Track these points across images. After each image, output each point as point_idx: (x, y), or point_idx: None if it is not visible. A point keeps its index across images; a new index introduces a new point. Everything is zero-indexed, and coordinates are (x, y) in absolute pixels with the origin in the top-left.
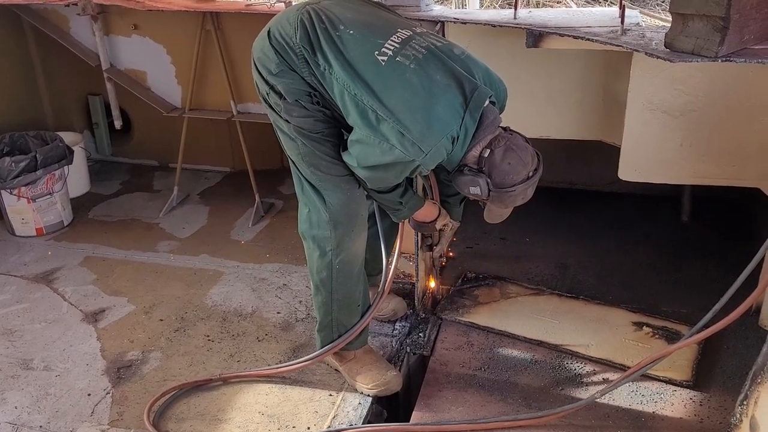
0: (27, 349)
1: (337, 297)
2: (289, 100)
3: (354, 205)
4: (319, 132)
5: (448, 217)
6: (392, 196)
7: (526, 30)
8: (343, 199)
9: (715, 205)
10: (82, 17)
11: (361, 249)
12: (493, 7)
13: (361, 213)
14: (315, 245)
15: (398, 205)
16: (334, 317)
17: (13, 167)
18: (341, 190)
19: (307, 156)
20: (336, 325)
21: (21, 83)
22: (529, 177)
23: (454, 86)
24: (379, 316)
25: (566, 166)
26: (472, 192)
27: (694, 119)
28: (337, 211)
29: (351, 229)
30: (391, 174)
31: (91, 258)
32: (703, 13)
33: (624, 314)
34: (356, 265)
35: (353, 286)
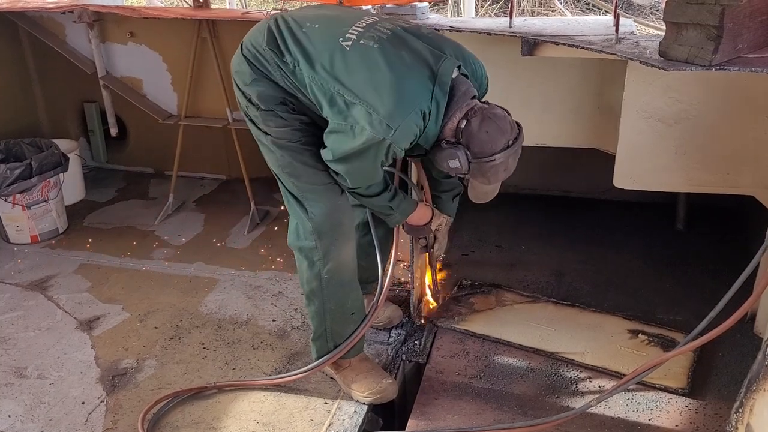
0: (21, 357)
1: (329, 306)
2: (263, 108)
3: (337, 214)
4: (297, 141)
5: (443, 217)
6: (381, 200)
7: (521, 38)
8: (326, 209)
9: (709, 212)
10: (78, 25)
11: (350, 257)
12: (489, 15)
13: (345, 222)
14: (303, 256)
15: (389, 210)
16: (328, 326)
17: (8, 174)
18: (323, 199)
19: (287, 167)
20: (330, 335)
21: (16, 90)
22: (508, 145)
23: (420, 62)
24: (375, 324)
25: (562, 174)
26: (451, 166)
27: (688, 127)
28: (320, 221)
29: (335, 238)
30: (366, 162)
31: (86, 265)
32: (697, 21)
33: (619, 322)
34: (346, 274)
35: (345, 295)
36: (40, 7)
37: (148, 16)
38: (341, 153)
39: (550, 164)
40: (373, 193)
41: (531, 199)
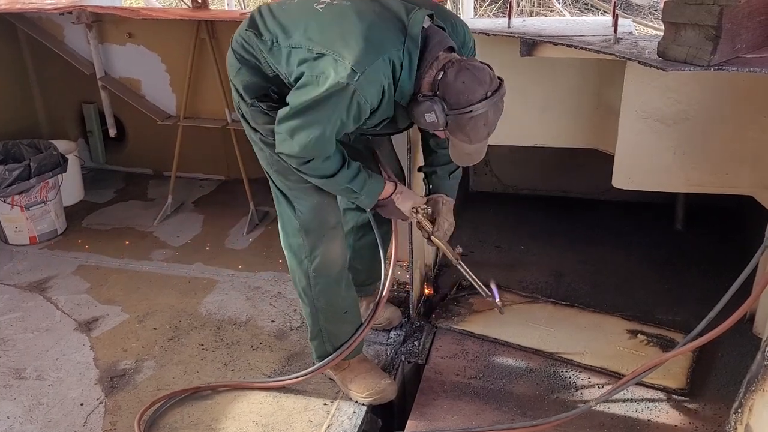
0: (20, 358)
1: (319, 305)
2: (249, 101)
3: (323, 212)
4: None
5: (417, 198)
6: (340, 180)
7: (520, 39)
8: (312, 206)
9: (708, 213)
10: (76, 26)
11: (338, 256)
12: (487, 15)
13: (331, 220)
14: (292, 254)
15: (353, 193)
16: (322, 326)
17: (7, 175)
18: (310, 197)
19: (275, 164)
20: (327, 335)
21: (15, 91)
22: (487, 96)
23: (391, 14)
24: (375, 325)
25: (561, 175)
26: (428, 120)
27: (687, 127)
28: (306, 219)
29: (322, 234)
30: (323, 114)
31: (85, 266)
32: (695, 22)
33: (619, 322)
34: (334, 271)
35: (334, 294)
36: (39, 8)
37: (146, 17)
38: (299, 104)
39: (549, 164)
40: (330, 171)
41: (530, 200)
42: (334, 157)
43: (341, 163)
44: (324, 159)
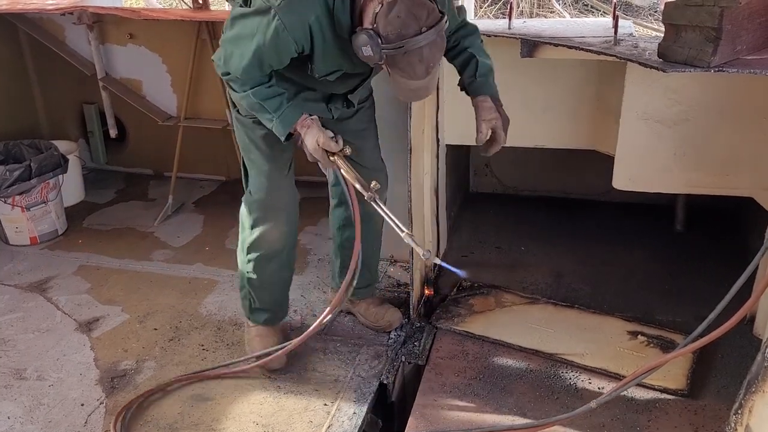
0: (20, 358)
1: (247, 271)
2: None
3: (271, 194)
4: (251, 117)
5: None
6: (258, 96)
7: (521, 40)
8: (262, 186)
9: (709, 214)
10: (77, 26)
11: (275, 238)
12: (487, 16)
13: (277, 203)
14: (240, 220)
15: (266, 113)
16: (247, 287)
17: (8, 176)
18: (262, 177)
19: (242, 141)
20: (251, 294)
21: (16, 92)
22: (421, 32)
23: None
24: (375, 327)
25: (561, 175)
26: (365, 53)
27: (687, 128)
28: (255, 196)
29: (265, 214)
30: (245, 33)
31: (86, 267)
32: (696, 23)
33: (619, 323)
34: (269, 251)
35: (263, 269)
36: (40, 8)
37: (147, 17)
38: (231, 17)
39: (549, 165)
40: (250, 85)
41: (531, 200)
42: (257, 78)
43: (262, 82)
44: (244, 78)
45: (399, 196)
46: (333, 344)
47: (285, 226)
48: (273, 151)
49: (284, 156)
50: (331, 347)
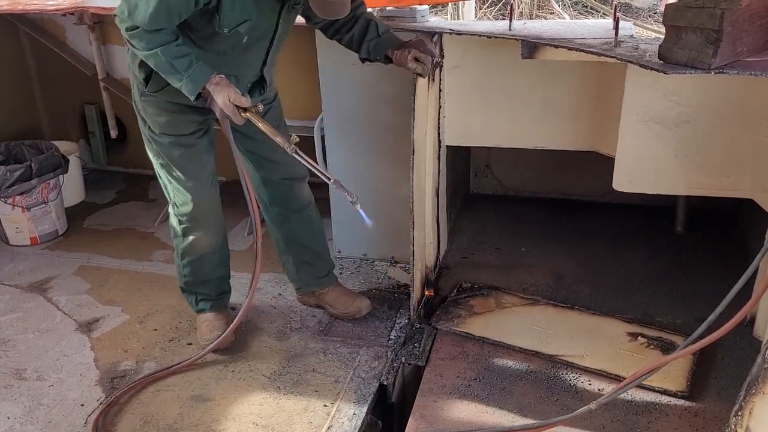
0: (20, 358)
1: (184, 272)
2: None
3: (196, 206)
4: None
5: (232, 91)
6: (166, 53)
7: (521, 41)
8: (187, 200)
9: (709, 215)
10: (79, 27)
11: (205, 245)
12: (487, 17)
13: (204, 216)
14: (171, 227)
15: (176, 73)
16: (183, 282)
17: (8, 176)
18: (187, 193)
19: (158, 157)
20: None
21: (17, 92)
22: None
23: None
24: (345, 314)
25: (561, 177)
26: None
27: (688, 130)
28: (181, 210)
29: (193, 225)
30: None
31: (86, 267)
32: (696, 25)
33: (619, 324)
34: (201, 254)
35: (198, 268)
36: (41, 9)
37: None
38: None
39: (549, 166)
40: (155, 44)
41: (531, 202)
42: (165, 33)
43: (170, 40)
44: (152, 31)
45: (402, 197)
46: (333, 345)
47: (213, 231)
48: (194, 167)
49: (205, 170)
50: (331, 348)
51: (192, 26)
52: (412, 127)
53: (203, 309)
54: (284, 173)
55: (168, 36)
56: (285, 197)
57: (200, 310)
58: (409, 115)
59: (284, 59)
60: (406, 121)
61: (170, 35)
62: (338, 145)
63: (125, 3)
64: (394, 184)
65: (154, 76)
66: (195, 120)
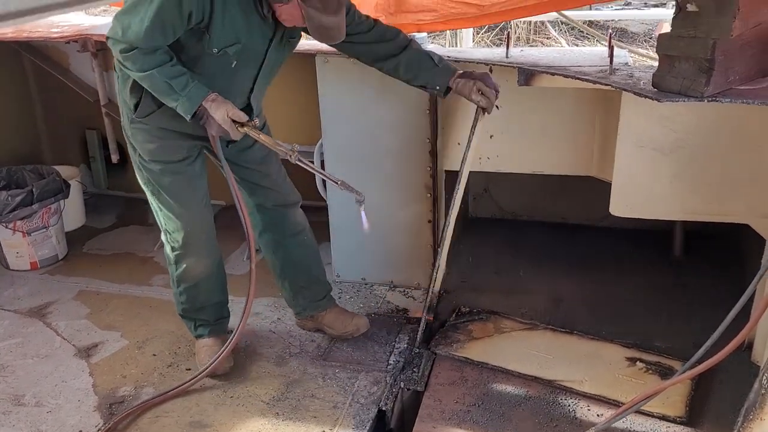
0: (19, 384)
1: (181, 299)
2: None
3: (189, 234)
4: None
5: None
6: (162, 74)
7: (518, 68)
8: (179, 227)
9: (706, 239)
10: (82, 54)
11: (200, 271)
12: (485, 42)
13: (197, 242)
14: (166, 256)
15: (172, 92)
16: (181, 310)
17: (10, 201)
18: (177, 220)
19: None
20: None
21: (19, 118)
22: None
23: None
24: (344, 334)
25: (559, 201)
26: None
27: (683, 156)
28: (174, 237)
29: (186, 252)
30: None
31: (85, 292)
32: (689, 54)
33: (617, 349)
34: (196, 280)
35: (194, 294)
36: (45, 36)
37: None
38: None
39: (547, 191)
40: (151, 65)
41: (529, 225)
42: (160, 54)
43: (165, 61)
44: (146, 52)
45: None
46: (332, 370)
47: (208, 257)
48: (184, 194)
49: (197, 196)
50: (330, 373)
51: (182, 45)
52: (465, 158)
53: (202, 334)
54: (277, 200)
55: (163, 56)
56: (279, 223)
57: (199, 336)
58: (409, 141)
59: (284, 85)
60: (405, 147)
61: (165, 55)
62: (338, 171)
63: (118, 24)
64: (393, 210)
65: (143, 101)
66: (185, 146)
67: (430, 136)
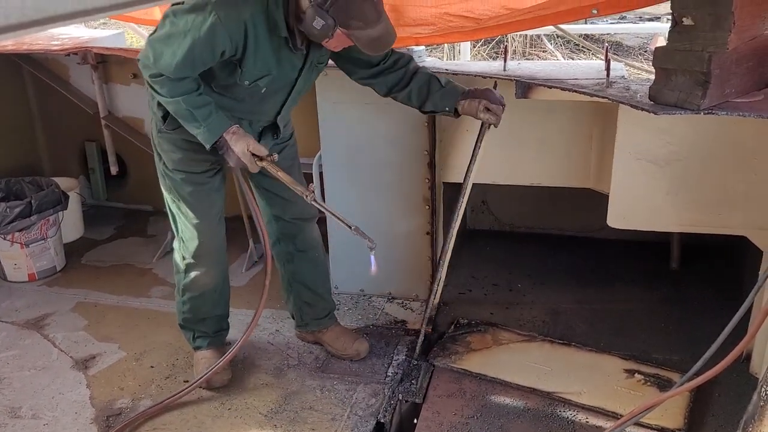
0: (15, 396)
1: (185, 309)
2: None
3: (203, 242)
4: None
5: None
6: (187, 104)
7: (515, 81)
8: (193, 236)
9: (703, 251)
10: (82, 66)
11: (208, 282)
12: (481, 55)
13: (209, 253)
14: (174, 263)
15: (194, 120)
16: (183, 319)
17: (8, 212)
18: (193, 227)
19: (170, 191)
20: (190, 326)
21: (18, 130)
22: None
23: None
24: (343, 356)
25: (557, 213)
26: (318, 27)
27: (679, 168)
28: (187, 244)
29: (198, 261)
30: (179, 27)
31: (83, 303)
32: (685, 68)
33: (616, 361)
34: (203, 290)
35: (199, 305)
36: (45, 49)
37: None
38: (165, 15)
39: (545, 203)
40: (178, 92)
41: (527, 237)
42: (188, 82)
43: (192, 90)
44: (175, 79)
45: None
46: (330, 382)
47: (216, 268)
48: (202, 205)
49: (214, 209)
50: (328, 385)
51: (214, 75)
52: (470, 171)
53: (200, 346)
54: (296, 213)
55: (191, 84)
56: (294, 236)
57: (197, 347)
58: (407, 153)
59: None
60: (403, 159)
61: (193, 83)
62: (336, 182)
63: (150, 49)
64: (391, 221)
65: (171, 115)
66: (208, 159)
67: (428, 149)
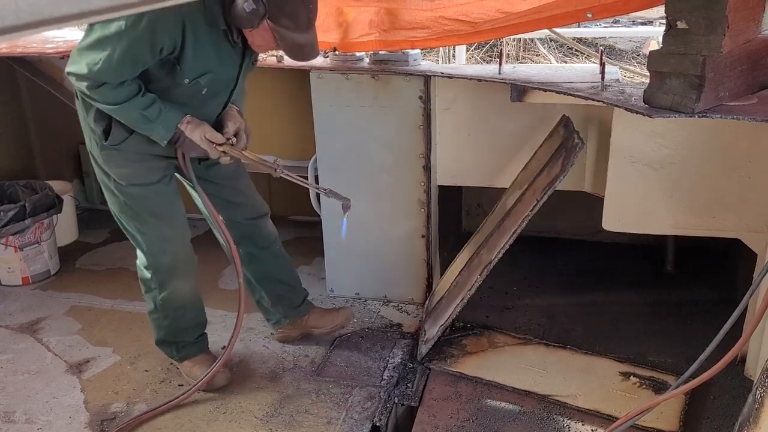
0: (9, 401)
1: (164, 324)
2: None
3: (171, 254)
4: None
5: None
6: (134, 107)
7: (510, 85)
8: (160, 250)
9: (698, 254)
10: None
11: (186, 292)
12: (475, 59)
13: (183, 263)
14: (142, 284)
15: (147, 122)
16: (163, 335)
17: (2, 216)
18: (158, 242)
19: (126, 209)
20: (170, 340)
21: (12, 133)
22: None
23: None
24: (333, 329)
25: (552, 216)
26: (248, 10)
27: (674, 171)
28: (156, 260)
29: (170, 274)
30: (113, 32)
31: (77, 307)
32: (679, 71)
33: (611, 364)
34: (181, 303)
35: (179, 318)
36: (40, 51)
37: None
38: (95, 25)
39: (541, 206)
40: (121, 98)
41: (522, 240)
42: (128, 85)
43: (135, 92)
44: (115, 86)
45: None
46: (325, 386)
47: (193, 276)
48: (170, 213)
49: (179, 214)
50: (324, 389)
51: (152, 77)
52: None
53: (188, 354)
54: (248, 213)
55: (132, 86)
56: (251, 236)
57: (185, 357)
58: (403, 156)
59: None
60: (399, 162)
61: (134, 85)
62: (332, 185)
63: (82, 59)
64: (387, 225)
65: (114, 130)
66: (160, 166)
67: (424, 152)
